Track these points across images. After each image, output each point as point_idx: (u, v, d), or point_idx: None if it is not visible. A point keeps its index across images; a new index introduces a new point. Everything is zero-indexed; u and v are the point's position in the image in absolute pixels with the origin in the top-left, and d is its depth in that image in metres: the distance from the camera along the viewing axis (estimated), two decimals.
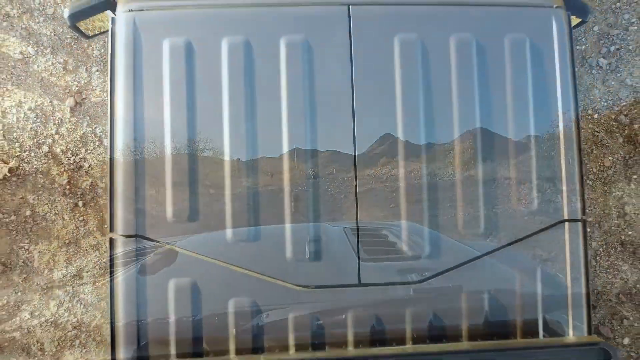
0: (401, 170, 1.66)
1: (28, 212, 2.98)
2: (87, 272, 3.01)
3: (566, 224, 1.69)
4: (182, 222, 1.64)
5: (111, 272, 1.61)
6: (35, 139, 2.99)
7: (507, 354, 1.50)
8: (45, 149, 2.99)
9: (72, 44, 3.03)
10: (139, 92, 1.65)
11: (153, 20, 1.70)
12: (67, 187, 3.00)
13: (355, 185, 1.65)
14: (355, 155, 1.64)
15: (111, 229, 1.63)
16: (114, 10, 1.73)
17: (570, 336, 1.65)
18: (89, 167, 3.02)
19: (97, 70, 3.04)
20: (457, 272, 1.65)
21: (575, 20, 1.86)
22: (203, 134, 1.66)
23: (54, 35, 3.03)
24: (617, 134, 3.13)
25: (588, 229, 3.04)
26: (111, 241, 1.63)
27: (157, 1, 1.72)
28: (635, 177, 3.09)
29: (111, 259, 1.62)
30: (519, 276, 1.68)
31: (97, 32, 1.94)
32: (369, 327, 1.62)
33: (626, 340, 3.02)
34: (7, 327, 2.90)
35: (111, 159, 1.65)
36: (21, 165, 2.98)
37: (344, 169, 1.65)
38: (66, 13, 1.78)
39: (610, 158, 3.10)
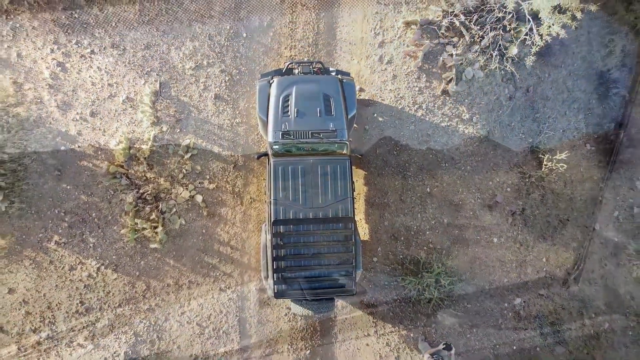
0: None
1: (220, 199, 9.98)
2: (242, 219, 10.02)
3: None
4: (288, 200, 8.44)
5: (269, 204, 8.43)
6: (224, 179, 10.01)
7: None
8: (227, 180, 10.02)
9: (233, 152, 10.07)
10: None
11: (282, 162, 8.47)
12: (231, 191, 10.02)
13: None
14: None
15: (269, 198, 8.48)
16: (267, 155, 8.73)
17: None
18: (238, 185, 10.05)
19: (242, 154, 10.06)
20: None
21: (358, 156, 9.01)
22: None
23: (230, 141, 10.06)
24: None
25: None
26: (270, 202, 8.47)
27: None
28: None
29: (269, 205, 8.46)
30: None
31: (259, 157, 8.93)
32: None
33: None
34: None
35: (269, 181, 8.49)
36: (217, 185, 10.00)
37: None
38: (256, 156, 8.81)
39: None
